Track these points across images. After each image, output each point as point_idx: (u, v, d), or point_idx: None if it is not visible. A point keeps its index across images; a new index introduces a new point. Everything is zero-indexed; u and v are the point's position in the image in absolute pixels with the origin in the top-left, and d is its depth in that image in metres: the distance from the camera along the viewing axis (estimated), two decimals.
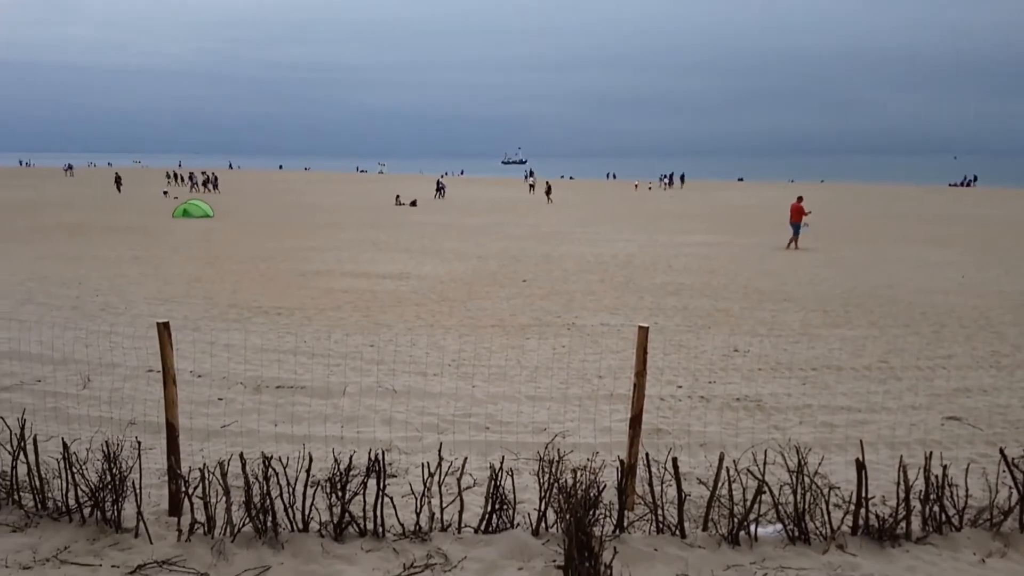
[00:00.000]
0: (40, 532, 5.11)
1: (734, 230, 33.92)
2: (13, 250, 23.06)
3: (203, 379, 9.61)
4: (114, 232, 29.31)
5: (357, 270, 20.19)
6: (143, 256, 22.42)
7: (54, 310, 14.06)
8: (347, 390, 9.19)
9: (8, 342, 10.85)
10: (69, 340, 10.94)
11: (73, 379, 9.46)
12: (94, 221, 33.95)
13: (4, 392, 8.84)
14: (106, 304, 14.80)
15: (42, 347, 10.71)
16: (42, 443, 5.89)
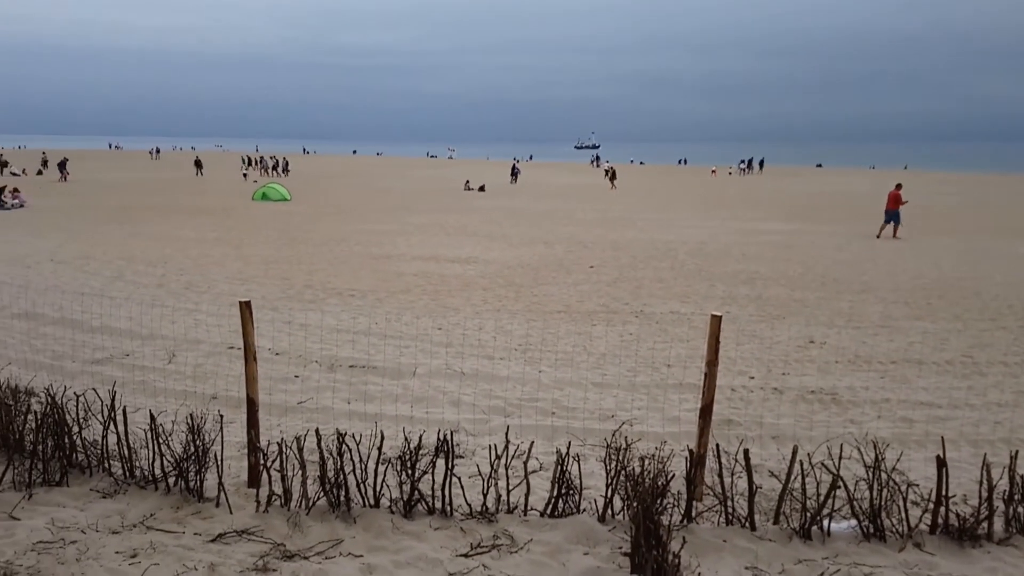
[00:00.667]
0: (128, 499, 5.39)
1: (812, 217, 32.91)
2: (105, 230, 24.24)
3: (281, 357, 9.93)
4: (197, 214, 30.47)
5: (426, 254, 20.47)
6: (224, 237, 23.24)
7: (141, 288, 14.75)
8: (417, 371, 9.36)
9: (100, 317, 11.45)
10: (156, 317, 11.48)
11: (159, 354, 9.92)
12: (178, 203, 35.35)
13: (96, 365, 9.34)
14: (190, 283, 15.44)
15: (131, 323, 11.27)
16: (130, 415, 6.20)
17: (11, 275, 15.15)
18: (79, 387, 7.30)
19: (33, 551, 4.51)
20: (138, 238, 22.33)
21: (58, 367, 9.11)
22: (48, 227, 24.67)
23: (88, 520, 4.98)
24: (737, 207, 38.47)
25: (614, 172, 57.34)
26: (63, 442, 5.77)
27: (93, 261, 17.83)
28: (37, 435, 5.71)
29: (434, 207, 36.10)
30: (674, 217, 32.58)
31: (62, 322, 11.41)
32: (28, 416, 5.89)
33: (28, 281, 14.54)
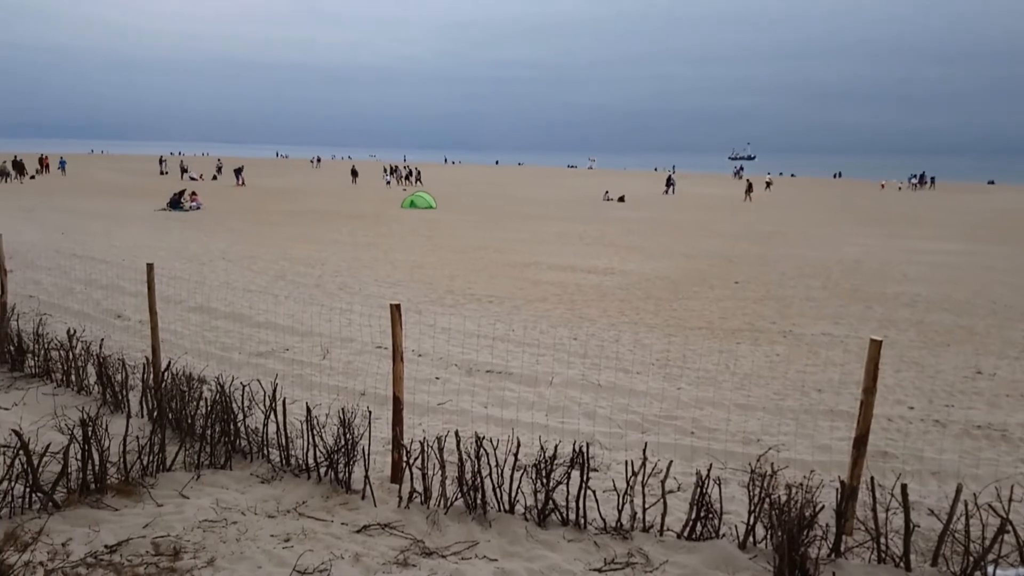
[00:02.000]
0: (284, 485, 5.76)
1: (984, 237, 30.21)
2: (270, 232, 26.12)
3: (423, 358, 10.29)
4: (351, 219, 32.20)
5: (563, 263, 20.55)
6: (375, 242, 24.41)
7: (300, 287, 15.75)
8: (553, 380, 9.41)
9: (265, 313, 12.33)
10: (312, 315, 12.22)
11: (315, 350, 10.55)
12: (335, 209, 37.51)
13: (259, 358, 10.07)
14: (343, 284, 16.32)
15: (290, 320, 12.06)
16: (288, 406, 6.64)
17: (188, 271, 16.64)
18: (244, 377, 7.90)
19: (199, 528, 4.91)
20: (298, 241, 23.87)
21: (226, 358, 9.89)
22: (220, 228, 26.88)
23: (248, 503, 5.37)
24: (899, 224, 35.94)
25: (751, 185, 55.20)
26: (229, 428, 6.25)
27: (259, 261, 19.25)
28: (207, 420, 6.23)
29: (572, 217, 36.22)
30: (828, 232, 30.90)
31: (231, 316, 12.39)
32: (200, 403, 6.44)
33: (203, 277, 15.90)
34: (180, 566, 4.40)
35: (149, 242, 22.03)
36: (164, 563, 4.41)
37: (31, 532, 4.17)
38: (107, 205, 34.80)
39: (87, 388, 7.83)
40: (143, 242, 21.94)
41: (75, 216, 28.97)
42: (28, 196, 38.57)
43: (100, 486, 5.29)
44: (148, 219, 29.42)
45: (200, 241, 22.92)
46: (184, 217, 30.85)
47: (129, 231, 24.85)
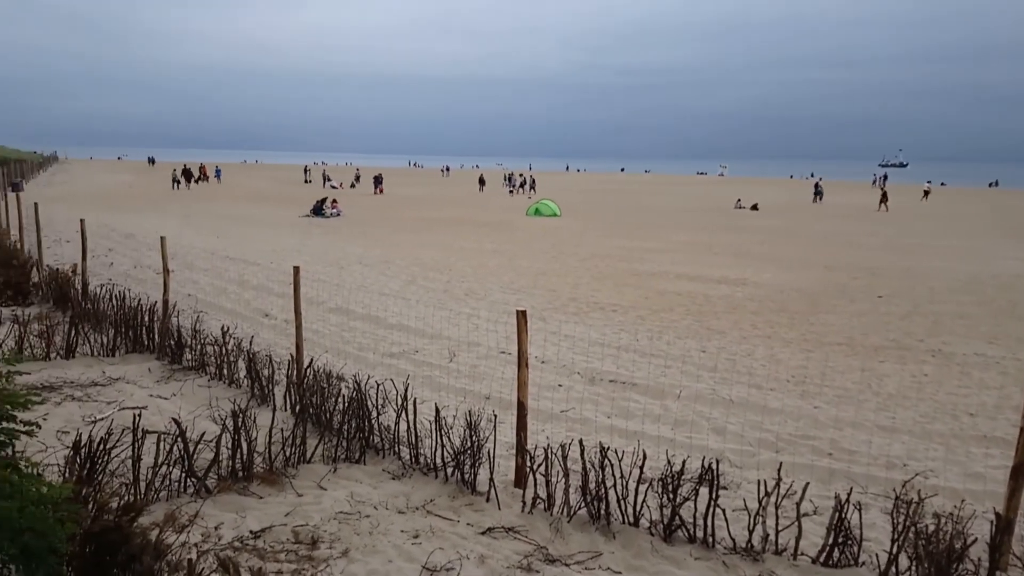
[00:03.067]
0: (413, 483, 5.96)
1: None
2: (402, 239, 27.12)
3: (546, 365, 10.34)
4: (478, 226, 32.89)
5: (691, 273, 20.07)
6: (500, 249, 24.82)
7: (430, 292, 16.25)
8: (680, 393, 9.20)
9: (397, 316, 12.82)
10: (441, 319, 12.57)
11: (443, 353, 10.85)
12: (462, 216, 38.46)
13: (392, 358, 10.46)
14: (470, 290, 16.69)
15: (420, 323, 12.46)
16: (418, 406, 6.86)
17: (328, 274, 17.54)
18: (378, 377, 8.23)
19: (335, 520, 5.16)
20: (429, 247, 24.64)
21: (362, 358, 10.35)
22: (358, 234, 28.18)
23: (379, 498, 5.59)
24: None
25: (885, 194, 51.72)
26: (363, 425, 6.53)
27: (392, 266, 20.03)
28: (343, 416, 6.54)
29: (701, 225, 35.34)
30: (982, 245, 28.54)
31: (366, 318, 12.95)
32: (338, 399, 6.77)
33: (342, 280, 16.72)
34: (317, 555, 4.64)
35: (293, 246, 23.41)
36: (303, 551, 4.67)
37: (188, 515, 4.54)
38: (256, 211, 37.30)
39: (237, 381, 8.41)
40: (288, 246, 23.34)
41: (228, 221, 31.22)
42: (189, 202, 41.98)
43: (247, 474, 5.67)
44: (293, 225, 31.27)
45: (339, 246, 24.11)
46: (325, 223, 32.55)
47: (276, 236, 26.51)
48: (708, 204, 51.95)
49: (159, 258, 11.02)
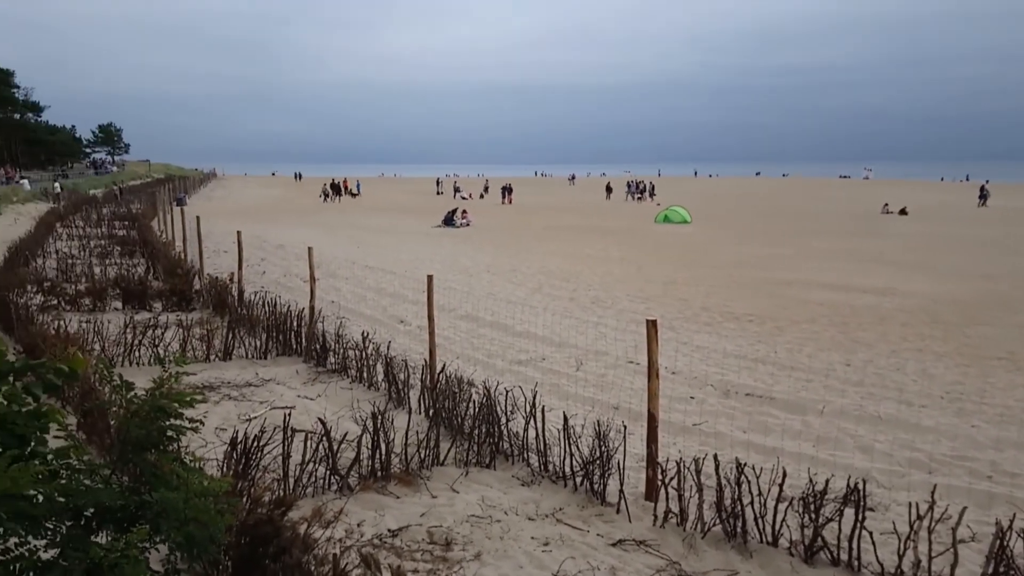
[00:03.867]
0: (542, 490, 5.99)
1: None
2: (529, 247, 27.43)
3: (676, 376, 10.13)
4: (605, 234, 32.73)
5: (833, 281, 19.05)
6: (627, 257, 24.57)
7: (556, 300, 16.33)
8: (824, 409, 8.75)
9: (524, 324, 12.97)
10: (567, 327, 12.59)
11: (569, 361, 10.86)
12: (588, 224, 38.39)
13: (519, 365, 10.59)
14: (596, 298, 16.64)
15: (546, 330, 12.54)
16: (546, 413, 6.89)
17: (459, 282, 18.01)
18: (506, 383, 8.35)
19: (467, 522, 5.28)
20: (555, 255, 24.78)
21: (490, 364, 10.54)
22: (487, 243, 28.76)
23: (509, 503, 5.66)
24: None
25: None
26: (493, 430, 6.64)
27: (519, 274, 20.30)
28: (474, 422, 6.69)
29: (844, 231, 33.48)
30: None
31: (495, 325, 13.19)
32: (469, 404, 6.92)
33: (471, 288, 17.12)
34: (451, 556, 4.76)
35: (426, 255, 24.21)
36: (437, 552, 4.80)
37: (333, 511, 4.79)
38: (392, 222, 38.87)
39: (376, 384, 8.78)
40: (421, 255, 24.16)
41: (367, 232, 32.72)
42: (332, 214, 44.36)
43: (385, 474, 5.91)
44: (425, 235, 32.35)
45: (469, 255, 24.70)
46: (456, 233, 33.45)
47: (410, 245, 27.52)
48: (852, 209, 49.19)
49: (306, 267, 11.72)
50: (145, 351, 9.54)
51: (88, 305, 12.76)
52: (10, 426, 3.05)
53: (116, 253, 20.19)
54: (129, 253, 20.12)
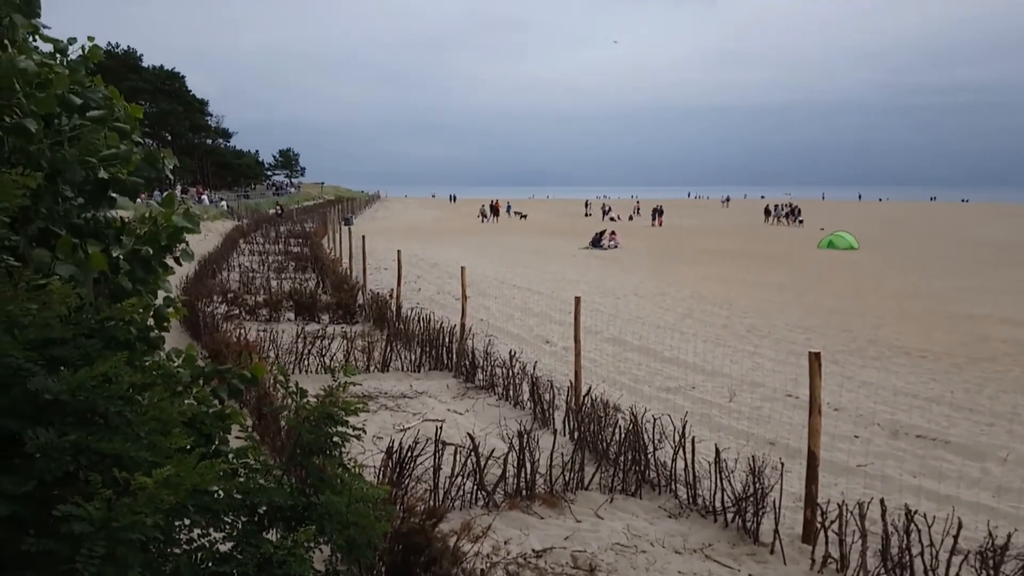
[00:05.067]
0: (690, 524, 5.81)
1: None
2: (680, 271, 26.86)
3: (839, 413, 9.53)
4: (761, 259, 31.46)
5: (1019, 317, 17.22)
6: (787, 283, 23.46)
7: (708, 326, 15.85)
8: (1007, 457, 7.91)
9: (672, 349, 12.69)
10: (719, 355, 12.19)
11: (720, 391, 10.50)
12: (744, 248, 37.06)
13: (667, 393, 10.36)
14: (752, 326, 15.99)
15: (696, 358, 12.19)
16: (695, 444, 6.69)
17: (605, 304, 17.93)
18: (653, 410, 8.19)
19: (612, 550, 5.20)
20: (707, 280, 24.10)
21: (636, 390, 10.39)
22: (634, 265, 28.47)
23: (655, 534, 5.53)
24: None
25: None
26: (639, 458, 6.53)
27: (668, 298, 19.91)
28: (620, 448, 6.60)
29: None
30: None
31: (641, 350, 13.00)
32: (614, 430, 6.85)
33: (617, 311, 16.99)
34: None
35: (573, 277, 24.31)
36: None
37: (481, 527, 4.89)
38: (540, 243, 39.39)
39: (521, 403, 8.90)
40: (568, 276, 24.29)
41: (516, 252, 33.37)
42: (483, 234, 45.64)
43: (530, 493, 5.96)
44: (572, 256, 32.51)
45: (616, 277, 24.54)
46: (603, 255, 33.37)
47: (557, 266, 27.75)
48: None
49: (458, 285, 12.12)
50: (313, 360, 10.22)
51: (265, 315, 13.85)
52: (199, 425, 3.37)
53: (290, 268, 21.81)
54: (302, 268, 21.67)
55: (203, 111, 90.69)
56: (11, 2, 3.26)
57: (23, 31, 3.32)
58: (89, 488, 2.02)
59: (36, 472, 2.02)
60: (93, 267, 2.72)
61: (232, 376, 3.70)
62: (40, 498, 2.07)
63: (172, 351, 3.51)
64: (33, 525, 2.05)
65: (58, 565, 1.97)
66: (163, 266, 3.35)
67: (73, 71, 3.34)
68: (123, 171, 3.08)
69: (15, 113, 2.95)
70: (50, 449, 2.03)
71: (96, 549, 1.92)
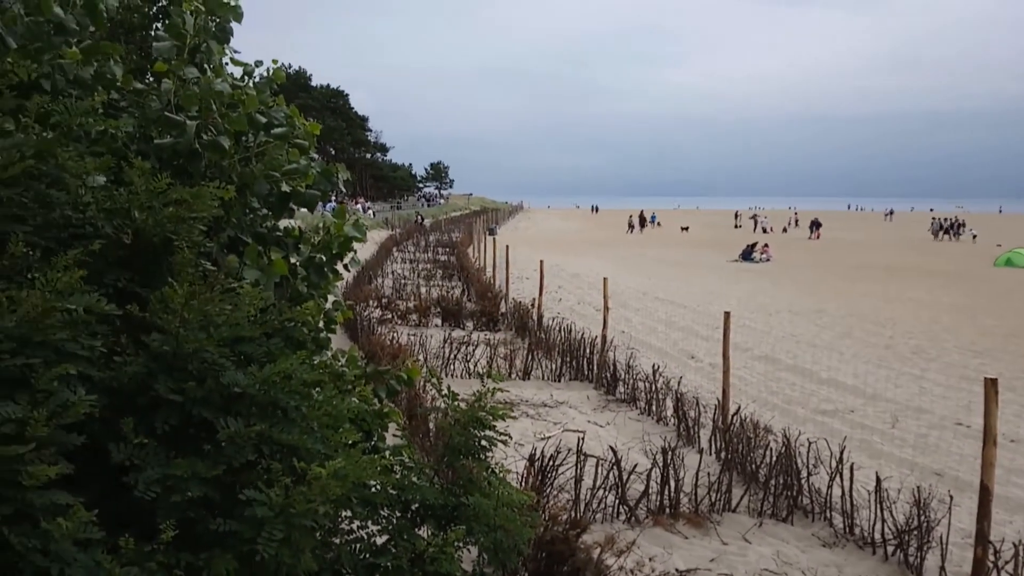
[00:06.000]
0: (845, 554, 5.48)
1: None
2: (839, 286, 25.38)
3: (1017, 445, 8.71)
4: (928, 276, 29.16)
5: None
6: (958, 303, 21.61)
7: (868, 347, 14.87)
8: None
9: (829, 370, 12.01)
10: (880, 378, 11.40)
11: (882, 416, 9.81)
12: (909, 263, 34.49)
13: (822, 415, 9.81)
14: (917, 348, 14.84)
15: (856, 380, 11.47)
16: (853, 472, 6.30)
17: (756, 321, 17.24)
18: (807, 433, 7.79)
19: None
20: (868, 297, 22.62)
21: (789, 411, 9.91)
22: (788, 280, 27.21)
23: (807, 563, 5.26)
24: None
25: None
26: (791, 482, 6.23)
27: (825, 315, 18.85)
28: (770, 471, 6.33)
29: None
30: None
31: (795, 369, 12.39)
32: (765, 452, 6.58)
33: (768, 328, 16.31)
34: None
35: (720, 290, 23.57)
36: None
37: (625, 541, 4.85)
38: (685, 255, 38.52)
39: (664, 419, 8.74)
40: (714, 290, 23.59)
41: (659, 264, 32.83)
42: (626, 245, 45.27)
43: (674, 512, 5.84)
44: (720, 269, 31.55)
45: (767, 292, 23.56)
46: (754, 268, 32.16)
47: (703, 279, 27.02)
48: None
49: (599, 296, 12.08)
50: (458, 364, 10.54)
51: (414, 321, 14.45)
52: (360, 423, 3.57)
53: (438, 276, 22.63)
54: (448, 276, 22.43)
55: (364, 127, 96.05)
56: (209, 30, 3.62)
57: (218, 56, 3.68)
58: (269, 476, 2.21)
59: (225, 458, 2.23)
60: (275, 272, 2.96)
61: (390, 377, 3.90)
62: (227, 483, 2.28)
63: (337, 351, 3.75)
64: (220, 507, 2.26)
65: (241, 546, 2.16)
66: (334, 272, 3.59)
67: (259, 92, 3.67)
68: (302, 184, 3.34)
69: (211, 131, 3.28)
70: (237, 437, 2.24)
71: (275, 533, 2.09)
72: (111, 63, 3.11)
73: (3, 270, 2.17)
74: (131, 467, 2.14)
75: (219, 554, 2.11)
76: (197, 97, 3.09)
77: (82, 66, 2.98)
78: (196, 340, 2.27)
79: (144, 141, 3.13)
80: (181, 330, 2.25)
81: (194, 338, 2.27)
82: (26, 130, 2.46)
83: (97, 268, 2.36)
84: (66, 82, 2.90)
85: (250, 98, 3.33)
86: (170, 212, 2.43)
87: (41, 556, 1.89)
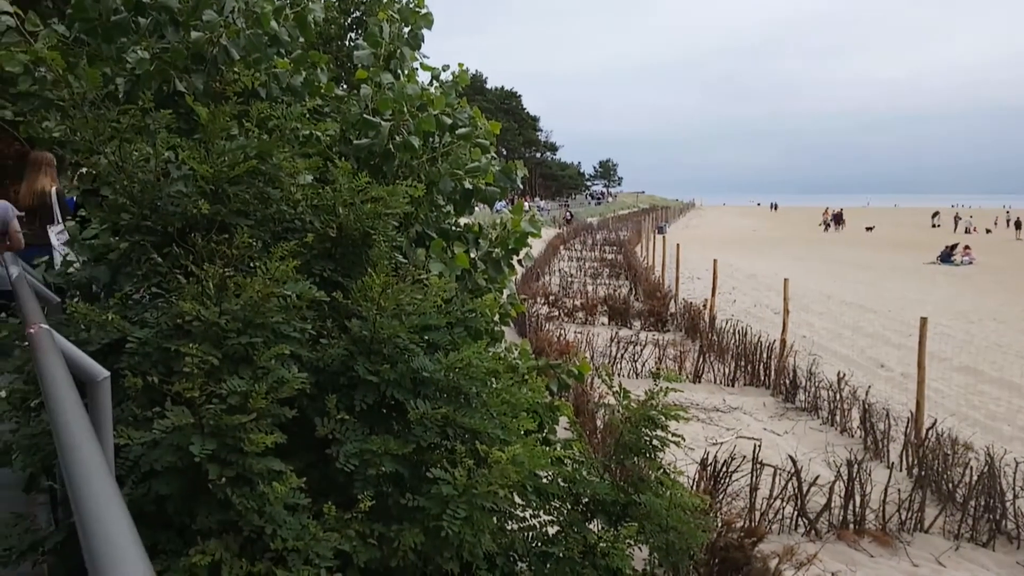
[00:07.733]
0: None
1: None
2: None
3: None
4: None
5: None
6: None
7: None
8: None
9: None
10: None
11: None
12: None
13: None
14: None
15: None
16: None
17: (954, 329, 15.69)
18: (1014, 452, 7.00)
19: None
20: None
21: (993, 428, 8.95)
22: (994, 285, 24.53)
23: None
24: None
25: None
26: (994, 504, 5.65)
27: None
28: (970, 491, 5.76)
29: None
30: None
31: (1000, 383, 11.17)
32: (965, 470, 6.00)
33: (970, 336, 14.79)
34: None
35: (914, 295, 21.68)
36: None
37: (806, 554, 4.60)
38: (875, 256, 35.77)
39: (849, 431, 8.19)
40: (908, 295, 21.72)
41: (844, 265, 30.71)
42: (813, 245, 42.76)
43: (859, 528, 5.46)
44: (914, 271, 29.03)
45: (968, 297, 21.39)
46: (953, 271, 29.32)
47: (894, 283, 24.96)
48: None
49: (777, 298, 11.53)
50: (625, 364, 10.47)
51: (581, 318, 14.52)
52: (533, 415, 3.66)
53: (604, 274, 22.58)
54: (615, 275, 22.31)
55: (535, 127, 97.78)
56: (402, 38, 3.86)
57: (410, 62, 3.91)
58: (454, 457, 2.32)
59: (414, 438, 2.38)
60: (458, 265, 3.11)
61: (562, 371, 3.96)
62: (414, 461, 2.43)
63: (510, 344, 3.86)
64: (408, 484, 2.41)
65: (427, 521, 2.30)
66: (509, 267, 3.71)
67: (445, 94, 3.85)
68: (482, 182, 3.48)
69: (402, 132, 3.49)
70: (426, 419, 2.38)
71: (459, 511, 2.20)
72: (318, 71, 3.39)
73: (231, 259, 2.44)
74: (333, 440, 2.34)
75: (408, 527, 2.25)
76: (391, 101, 3.31)
77: (293, 74, 3.28)
78: (390, 327, 2.44)
79: (344, 143, 3.40)
80: (378, 317, 2.42)
81: (388, 324, 2.44)
82: (248, 134, 2.76)
83: (306, 259, 2.60)
84: (280, 89, 3.20)
85: (437, 100, 3.51)
86: (369, 208, 2.63)
87: (257, 516, 2.11)
